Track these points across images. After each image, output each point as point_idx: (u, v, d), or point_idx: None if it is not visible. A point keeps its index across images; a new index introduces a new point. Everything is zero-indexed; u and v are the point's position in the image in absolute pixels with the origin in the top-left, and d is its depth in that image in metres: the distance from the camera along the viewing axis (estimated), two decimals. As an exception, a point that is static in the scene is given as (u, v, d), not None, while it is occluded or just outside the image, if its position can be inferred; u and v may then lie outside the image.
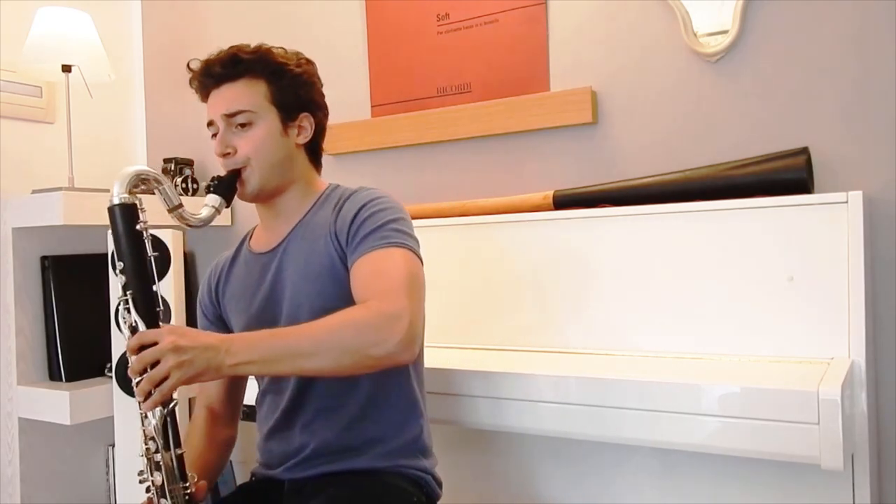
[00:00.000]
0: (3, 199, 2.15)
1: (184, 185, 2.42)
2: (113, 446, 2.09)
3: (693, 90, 1.72)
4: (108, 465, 2.32)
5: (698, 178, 1.63)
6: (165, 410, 1.08)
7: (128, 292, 1.10)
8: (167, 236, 1.94)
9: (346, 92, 2.17)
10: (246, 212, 2.41)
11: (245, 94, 1.26)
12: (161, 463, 1.09)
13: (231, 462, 2.25)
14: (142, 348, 1.05)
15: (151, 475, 1.10)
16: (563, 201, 1.76)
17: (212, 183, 1.24)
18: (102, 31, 2.24)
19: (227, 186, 1.25)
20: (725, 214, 1.51)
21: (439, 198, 2.03)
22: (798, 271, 1.42)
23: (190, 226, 1.21)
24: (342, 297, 1.18)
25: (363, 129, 2.13)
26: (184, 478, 1.10)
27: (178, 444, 1.10)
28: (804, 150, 1.55)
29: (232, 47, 1.28)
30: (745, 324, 1.44)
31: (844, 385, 1.15)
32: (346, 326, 1.07)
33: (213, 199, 1.22)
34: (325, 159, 1.39)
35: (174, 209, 1.18)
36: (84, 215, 2.04)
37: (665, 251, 1.55)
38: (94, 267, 2.12)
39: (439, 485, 1.30)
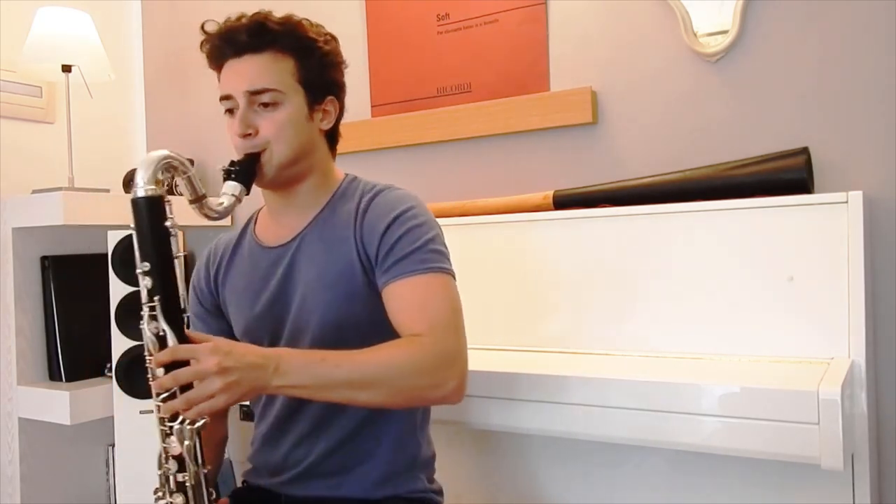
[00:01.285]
0: (3, 199, 2.15)
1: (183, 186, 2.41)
2: (113, 446, 2.09)
3: (693, 90, 1.72)
4: (108, 465, 2.32)
5: (698, 178, 1.63)
6: (194, 430, 1.01)
7: (155, 297, 0.99)
8: (167, 236, 1.94)
9: (346, 92, 2.16)
10: (244, 211, 2.41)
11: (272, 70, 1.13)
12: (185, 483, 1.01)
13: (231, 461, 2.25)
14: (174, 363, 0.98)
15: (171, 497, 1.03)
16: (563, 201, 1.76)
17: (231, 168, 1.11)
18: (102, 31, 2.24)
19: (246, 172, 1.12)
20: (725, 214, 1.51)
21: (439, 198, 2.02)
22: (798, 271, 1.42)
23: (210, 217, 1.10)
24: (354, 311, 1.14)
25: (363, 129, 2.13)
26: (209, 497, 1.04)
27: (204, 463, 1.03)
28: (804, 150, 1.55)
29: (258, 13, 1.14)
30: (745, 324, 1.44)
31: (844, 385, 1.15)
32: (404, 365, 1.03)
33: (233, 187, 1.10)
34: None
35: (198, 199, 1.08)
36: (84, 215, 2.04)
37: (665, 251, 1.55)
38: (94, 267, 2.12)
39: (440, 494, 1.26)
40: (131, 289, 1.93)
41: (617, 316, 1.57)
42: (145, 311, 1.00)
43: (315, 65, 1.17)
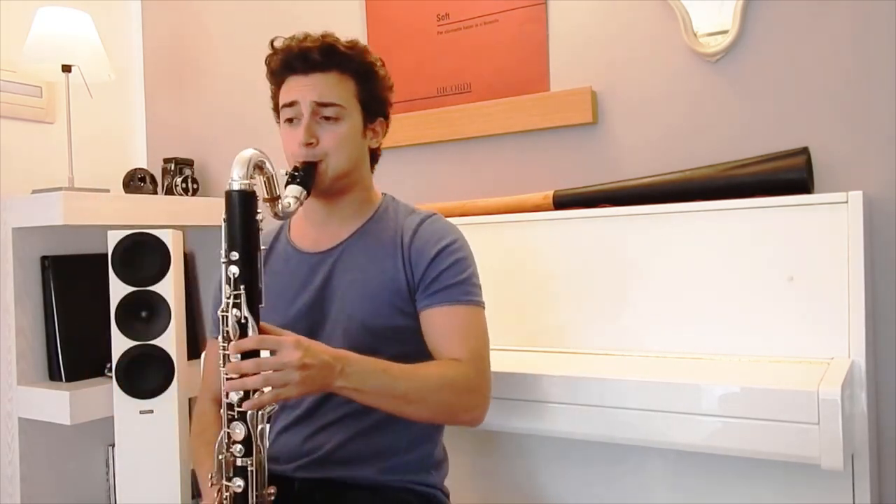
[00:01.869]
0: (3, 199, 2.14)
1: (184, 185, 2.42)
2: (113, 446, 2.09)
3: (693, 90, 1.73)
4: (108, 465, 2.31)
5: (698, 178, 1.63)
6: (267, 413, 1.05)
7: (241, 286, 1.05)
8: (167, 236, 1.94)
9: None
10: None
11: (338, 87, 1.23)
12: (247, 468, 1.05)
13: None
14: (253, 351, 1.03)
15: (230, 481, 1.05)
16: (563, 201, 1.76)
17: (295, 174, 1.19)
18: (102, 31, 2.24)
19: (309, 178, 1.20)
20: (725, 214, 1.51)
21: (439, 198, 2.03)
22: (798, 271, 1.42)
23: (278, 217, 1.17)
24: (393, 321, 1.22)
25: (363, 129, 2.12)
26: (266, 484, 1.08)
27: (263, 449, 1.07)
28: (804, 150, 1.55)
29: (327, 35, 1.24)
30: (745, 324, 1.44)
31: (844, 385, 1.15)
32: (451, 387, 1.13)
33: (297, 190, 1.17)
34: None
35: (275, 199, 1.15)
36: (84, 215, 2.04)
37: (665, 251, 1.55)
38: (94, 267, 2.12)
39: (447, 496, 1.30)
40: (131, 289, 1.93)
41: (617, 316, 1.57)
42: (229, 300, 1.05)
43: (373, 87, 1.28)
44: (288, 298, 1.27)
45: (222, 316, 1.05)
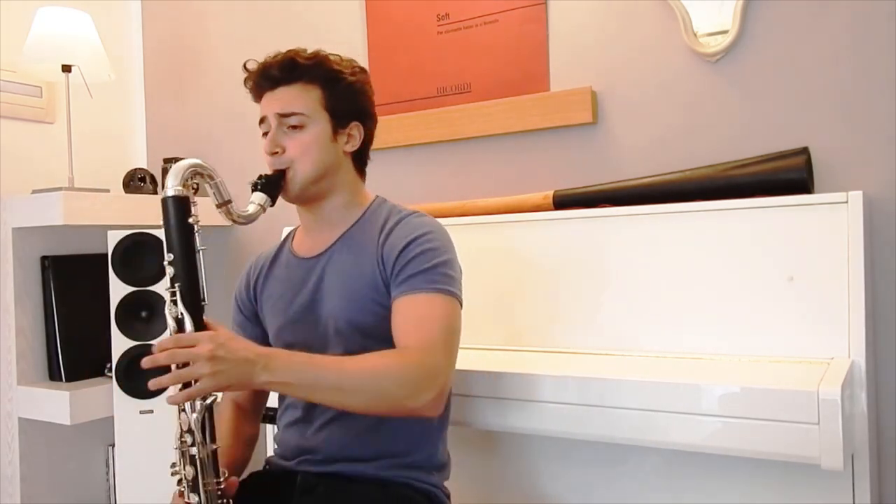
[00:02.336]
0: (3, 199, 2.15)
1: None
2: (113, 446, 2.09)
3: (693, 90, 1.73)
4: (108, 465, 2.32)
5: (698, 178, 1.63)
6: (204, 405, 1.08)
7: (176, 284, 1.10)
8: (167, 236, 1.94)
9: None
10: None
11: (300, 98, 1.27)
12: (196, 457, 1.09)
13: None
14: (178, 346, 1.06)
15: (184, 469, 1.09)
16: (563, 201, 1.76)
17: (258, 181, 1.24)
18: (102, 31, 2.24)
19: (272, 185, 1.24)
20: (725, 214, 1.51)
21: (439, 198, 2.03)
22: (798, 271, 1.42)
23: (235, 222, 1.22)
24: (377, 320, 1.22)
25: (363, 129, 2.12)
26: (217, 473, 1.11)
27: (213, 440, 1.11)
28: (804, 150, 1.55)
29: (290, 51, 1.29)
30: (745, 324, 1.44)
31: (844, 385, 1.15)
32: (385, 375, 1.10)
33: (259, 198, 1.22)
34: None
35: (224, 204, 1.19)
36: (84, 215, 2.04)
37: (665, 251, 1.55)
38: (94, 267, 2.12)
39: (448, 497, 1.31)
40: (131, 289, 1.94)
41: (617, 316, 1.57)
42: (167, 298, 1.11)
43: (341, 92, 1.30)
44: (287, 301, 1.32)
45: (166, 315, 1.11)
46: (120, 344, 1.93)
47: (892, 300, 1.52)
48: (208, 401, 1.09)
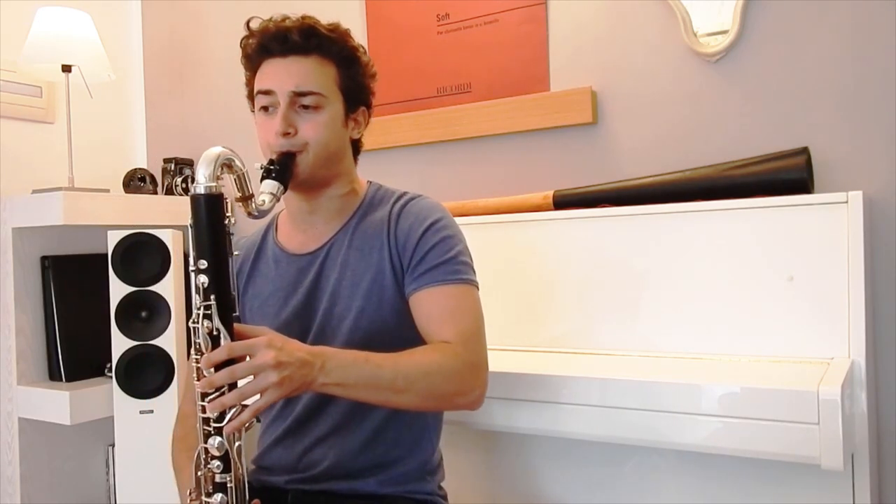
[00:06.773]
0: (3, 199, 2.15)
1: (184, 185, 2.42)
2: (113, 446, 2.09)
3: (693, 90, 1.72)
4: (108, 465, 2.32)
5: (698, 178, 1.63)
6: (246, 429, 0.99)
7: (211, 296, 0.97)
8: (167, 236, 1.94)
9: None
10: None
11: (318, 74, 1.15)
12: (227, 484, 0.98)
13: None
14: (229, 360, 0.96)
15: (209, 497, 0.99)
16: (563, 201, 1.76)
17: (270, 167, 1.11)
18: (102, 31, 2.24)
19: (285, 171, 1.12)
20: (725, 214, 1.51)
21: (439, 198, 2.00)
22: (798, 271, 1.42)
23: (253, 216, 1.09)
24: (384, 318, 1.17)
25: (363, 129, 2.12)
26: (246, 498, 1.02)
27: (242, 465, 1.01)
28: (804, 150, 1.55)
29: (307, 18, 1.16)
30: (745, 324, 1.44)
31: (844, 385, 1.15)
32: (438, 371, 1.06)
33: (272, 186, 1.10)
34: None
35: (247, 198, 1.07)
36: (84, 215, 2.04)
37: (665, 251, 1.55)
38: (94, 267, 2.12)
39: (445, 499, 1.28)
40: (131, 289, 1.94)
41: (617, 316, 1.57)
42: (199, 311, 0.98)
43: (355, 73, 1.21)
44: (279, 302, 1.23)
45: (193, 328, 0.98)
46: (120, 344, 1.93)
47: (892, 300, 1.52)
48: (246, 424, 0.98)
